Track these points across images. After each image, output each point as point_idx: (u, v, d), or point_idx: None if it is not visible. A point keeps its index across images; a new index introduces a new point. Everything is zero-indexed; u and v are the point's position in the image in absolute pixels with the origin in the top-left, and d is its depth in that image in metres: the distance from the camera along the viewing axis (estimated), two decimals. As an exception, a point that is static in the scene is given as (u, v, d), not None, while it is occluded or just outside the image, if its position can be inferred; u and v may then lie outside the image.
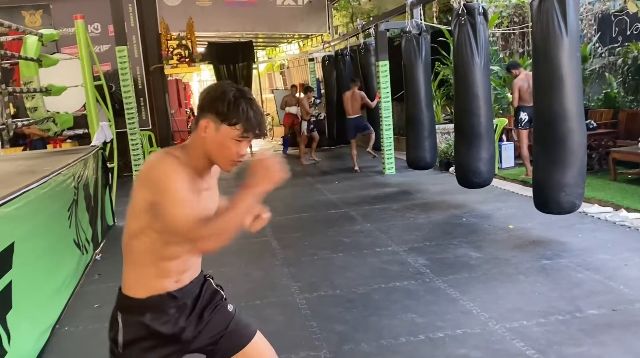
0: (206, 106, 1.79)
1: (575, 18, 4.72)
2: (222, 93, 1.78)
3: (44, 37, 7.07)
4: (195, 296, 1.99)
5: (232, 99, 1.76)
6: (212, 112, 1.77)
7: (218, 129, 1.77)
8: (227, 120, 1.76)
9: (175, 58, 12.37)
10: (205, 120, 1.78)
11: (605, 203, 6.22)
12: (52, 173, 4.46)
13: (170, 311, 1.90)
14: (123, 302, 1.91)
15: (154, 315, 1.87)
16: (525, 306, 3.80)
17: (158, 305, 1.88)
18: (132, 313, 1.88)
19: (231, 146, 1.79)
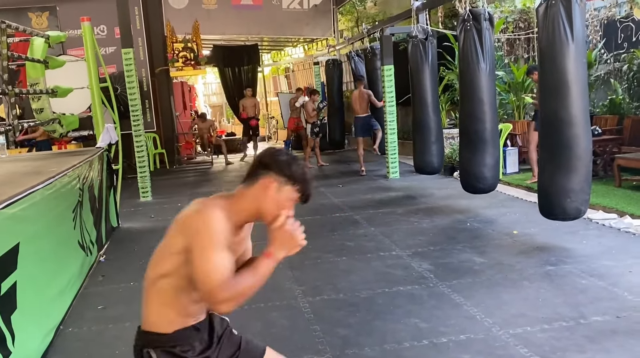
0: (275, 165, 1.86)
1: (582, 24, 4.71)
2: (292, 158, 1.89)
3: (50, 39, 7.10)
4: (209, 326, 2.04)
5: (300, 165, 1.89)
6: (281, 173, 1.85)
7: (280, 189, 1.85)
8: (294, 184, 1.86)
9: (180, 61, 12.44)
10: (269, 179, 1.85)
11: (610, 209, 6.21)
12: (58, 175, 4.48)
13: (195, 344, 1.94)
14: (152, 338, 1.92)
15: (182, 348, 1.91)
16: (529, 312, 3.79)
17: (184, 338, 1.92)
18: (163, 347, 1.91)
19: (286, 206, 1.87)
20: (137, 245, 6.28)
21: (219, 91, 23.09)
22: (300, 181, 1.87)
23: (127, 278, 5.08)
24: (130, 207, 8.31)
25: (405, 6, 9.10)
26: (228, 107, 17.61)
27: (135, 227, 7.18)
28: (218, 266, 1.72)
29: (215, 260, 1.73)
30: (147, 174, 9.00)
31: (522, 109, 10.27)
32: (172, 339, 1.90)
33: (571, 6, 4.59)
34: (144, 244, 6.33)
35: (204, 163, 13.96)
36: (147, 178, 8.99)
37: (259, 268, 1.81)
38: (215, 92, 25.28)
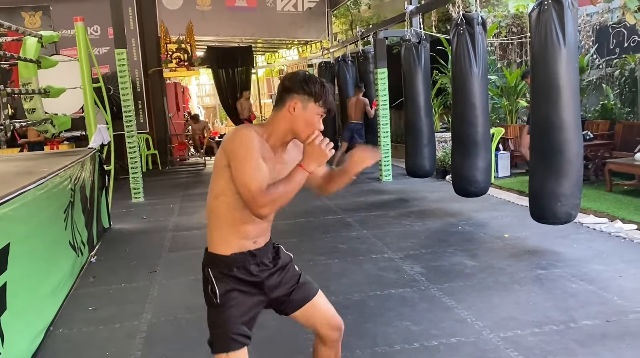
0: (296, 87, 2.10)
1: (574, 29, 4.74)
2: (310, 77, 2.12)
3: (43, 39, 7.07)
4: (273, 257, 2.31)
5: (319, 82, 2.11)
6: (302, 92, 2.09)
7: (306, 107, 2.10)
8: (316, 99, 2.10)
9: (174, 62, 12.42)
10: (293, 100, 2.10)
11: (601, 213, 6.25)
12: (49, 175, 4.46)
13: (251, 267, 2.21)
14: (210, 259, 2.22)
15: (239, 270, 2.19)
16: (520, 316, 3.80)
17: (241, 261, 2.18)
18: (220, 268, 2.19)
19: (315, 121, 2.12)
20: (129, 246, 6.26)
21: (212, 93, 23.06)
22: (320, 96, 2.10)
23: (118, 280, 5.06)
24: (122, 208, 8.28)
25: (399, 10, 9.13)
26: (221, 109, 17.58)
27: (127, 228, 7.16)
28: (254, 175, 1.99)
29: (250, 171, 2.00)
30: (140, 175, 8.98)
31: (515, 113, 10.33)
32: (229, 261, 2.18)
33: (563, 11, 4.62)
34: (136, 245, 6.32)
35: (197, 164, 13.94)
36: (139, 179, 8.97)
37: (293, 176, 2.06)
38: (209, 93, 25.25)
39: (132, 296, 4.63)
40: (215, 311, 2.21)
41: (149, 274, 5.17)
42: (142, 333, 3.85)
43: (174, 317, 4.15)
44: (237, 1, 13.41)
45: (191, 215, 7.71)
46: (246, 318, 2.21)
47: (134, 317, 4.14)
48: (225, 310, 2.18)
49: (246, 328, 2.20)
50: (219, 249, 2.19)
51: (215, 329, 2.22)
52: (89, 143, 7.25)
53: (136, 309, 4.30)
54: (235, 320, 2.18)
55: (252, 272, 2.21)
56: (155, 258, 5.67)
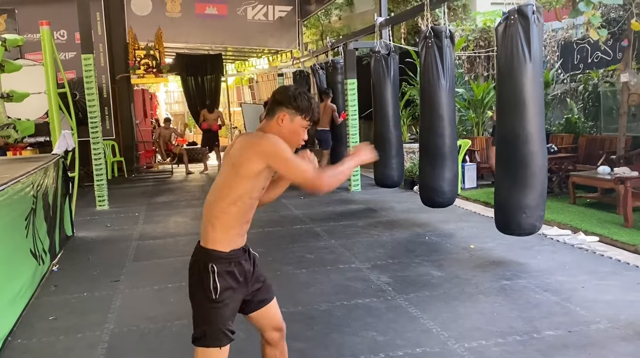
0: (285, 101, 2.34)
1: (539, 44, 4.83)
2: (299, 93, 2.36)
3: (7, 42, 6.94)
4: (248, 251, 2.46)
5: (306, 98, 2.36)
6: (290, 107, 2.34)
7: (293, 120, 2.35)
8: (302, 113, 2.35)
9: (142, 68, 12.29)
10: (282, 112, 2.34)
11: (565, 225, 6.35)
12: (10, 181, 4.35)
13: (243, 262, 2.38)
14: (213, 255, 2.32)
15: (236, 266, 2.35)
16: (484, 326, 3.83)
17: (237, 257, 2.35)
18: (222, 263, 2.31)
19: (300, 132, 2.38)
20: (92, 255, 6.14)
21: (181, 100, 22.87)
22: (306, 111, 2.35)
23: (81, 289, 4.96)
24: (86, 216, 8.13)
25: (369, 21, 9.19)
26: (190, 116, 17.45)
27: (90, 236, 7.02)
28: (305, 166, 2.27)
29: (300, 164, 2.27)
30: (104, 183, 8.84)
31: (482, 125, 10.48)
32: (228, 257, 2.33)
33: (529, 26, 4.71)
34: (99, 254, 6.20)
35: (164, 172, 13.78)
36: (104, 186, 8.82)
37: (345, 161, 2.40)
38: (177, 100, 25.04)
39: (95, 306, 4.54)
40: (210, 306, 2.31)
41: (112, 283, 5.07)
42: (104, 344, 3.77)
43: (136, 327, 4.07)
44: (207, 8, 13.36)
45: (156, 224, 7.61)
46: (234, 316, 2.38)
47: (96, 327, 4.06)
48: (221, 307, 2.31)
49: (232, 324, 2.36)
50: (220, 246, 2.32)
51: (207, 324, 2.33)
52: (53, 149, 7.11)
53: (98, 319, 4.21)
54: (228, 317, 2.34)
55: (245, 267, 2.38)
56: (118, 267, 5.57)
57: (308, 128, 2.41)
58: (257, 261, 2.50)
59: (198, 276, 2.33)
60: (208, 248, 2.33)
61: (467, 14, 13.20)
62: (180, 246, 6.29)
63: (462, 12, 13.24)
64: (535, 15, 4.73)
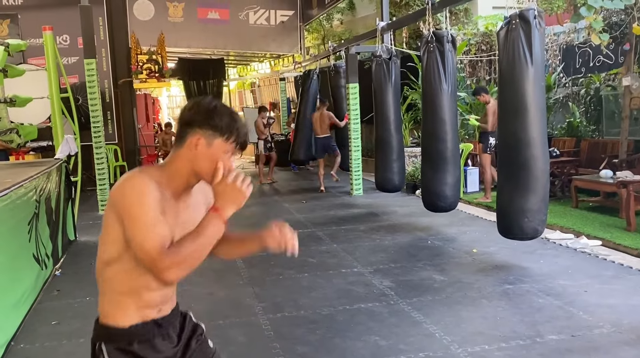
0: (198, 120, 1.71)
1: (541, 48, 4.84)
2: (214, 107, 1.72)
3: (10, 47, 6.96)
4: (179, 327, 1.91)
5: (226, 113, 1.73)
6: (205, 127, 1.70)
7: (211, 144, 1.70)
8: (222, 135, 1.70)
9: (144, 73, 12.29)
10: (196, 136, 1.70)
11: (567, 229, 6.35)
12: (14, 186, 4.36)
13: (156, 341, 1.79)
14: (104, 332, 1.77)
15: (141, 345, 1.75)
16: (487, 331, 3.83)
17: (144, 333, 1.76)
18: (117, 342, 1.75)
19: (224, 160, 1.72)
20: (94, 259, 6.11)
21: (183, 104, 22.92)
22: (228, 131, 1.71)
23: (83, 293, 4.96)
24: (88, 220, 8.14)
25: (371, 26, 9.22)
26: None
27: (93, 241, 7.02)
28: (151, 234, 1.60)
29: (147, 228, 1.60)
30: (107, 187, 8.83)
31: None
32: (127, 334, 1.74)
33: (531, 30, 4.72)
34: (102, 258, 6.20)
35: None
36: (107, 190, 8.82)
37: (205, 227, 1.67)
38: (180, 105, 25.08)
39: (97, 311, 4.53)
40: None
41: (115, 288, 5.07)
42: (107, 349, 3.77)
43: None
44: (209, 13, 13.39)
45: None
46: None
47: (99, 332, 4.05)
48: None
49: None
50: (114, 320, 1.75)
51: None
52: (56, 153, 7.12)
53: (101, 324, 4.21)
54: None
55: (157, 347, 1.79)
56: (121, 271, 5.57)
57: (235, 154, 1.76)
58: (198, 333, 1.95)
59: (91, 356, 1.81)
60: (101, 322, 1.79)
61: (468, 18, 13.23)
62: (183, 250, 6.29)
63: (464, 16, 13.27)
64: (536, 20, 4.74)
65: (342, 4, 14.58)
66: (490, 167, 8.28)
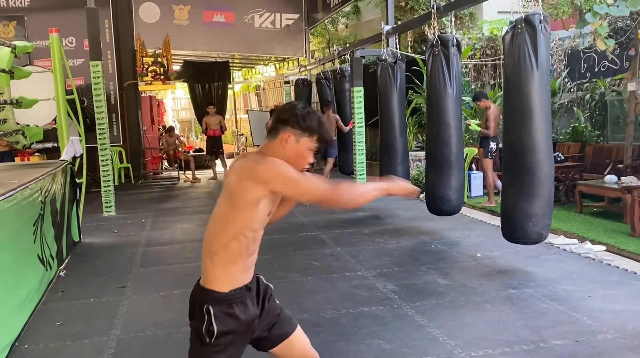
0: (292, 121, 2.10)
1: (546, 53, 4.84)
2: (307, 113, 2.12)
3: (17, 49, 6.98)
4: (257, 287, 2.23)
5: (316, 118, 2.13)
6: (297, 127, 2.09)
7: (299, 141, 2.10)
8: (310, 135, 2.11)
9: (150, 75, 12.34)
10: (287, 133, 2.10)
11: (571, 234, 6.34)
12: (19, 187, 4.38)
13: (248, 302, 2.14)
14: (211, 296, 2.09)
15: (240, 307, 2.11)
16: (491, 335, 3.82)
17: (240, 297, 2.11)
18: (222, 305, 2.08)
19: (307, 155, 2.14)
20: (99, 261, 6.17)
21: (188, 107, 22.98)
22: (314, 132, 2.11)
23: (87, 294, 4.98)
24: (93, 221, 8.16)
25: (376, 30, 9.23)
26: (197, 123, 17.53)
27: (97, 242, 7.05)
28: (316, 181, 2.07)
29: (310, 181, 2.07)
30: (112, 189, 8.87)
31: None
32: (229, 298, 2.09)
33: (536, 35, 4.72)
34: (106, 260, 6.22)
35: (170, 178, 13.82)
36: (111, 192, 8.86)
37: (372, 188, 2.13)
38: (185, 107, 25.17)
39: (101, 312, 4.55)
40: (202, 350, 2.11)
41: (118, 289, 5.09)
42: (111, 350, 3.78)
43: (143, 333, 4.08)
44: (214, 16, 13.43)
45: (163, 230, 7.63)
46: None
47: (103, 333, 4.07)
48: (215, 352, 2.09)
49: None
50: (219, 285, 2.09)
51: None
52: (61, 155, 7.15)
53: (105, 325, 4.22)
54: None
55: (249, 308, 2.14)
56: (125, 273, 5.59)
57: (315, 151, 2.15)
58: (269, 294, 2.29)
59: (195, 315, 2.13)
60: (207, 287, 2.11)
61: (473, 23, 13.23)
62: (187, 252, 6.30)
63: (469, 21, 13.27)
64: (542, 24, 4.74)
65: (347, 7, 14.58)
66: (492, 172, 8.29)
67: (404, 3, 13.76)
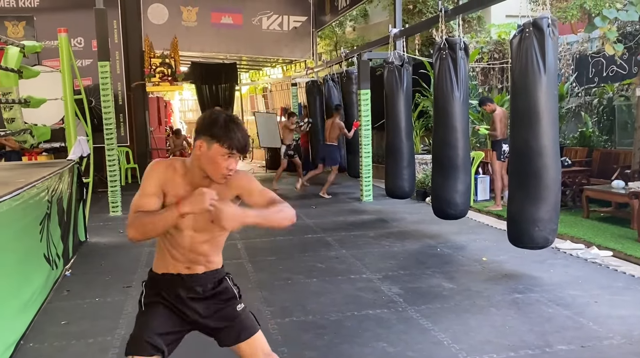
0: (201, 129, 2.18)
1: (554, 57, 4.82)
2: (215, 118, 2.17)
3: (26, 49, 7.01)
4: (211, 287, 2.41)
5: (222, 124, 2.14)
6: (206, 134, 2.15)
7: (209, 148, 2.15)
8: (218, 141, 2.13)
9: (157, 76, 12.36)
10: (199, 141, 2.17)
11: (578, 239, 6.31)
12: (26, 186, 4.40)
13: (179, 290, 2.35)
14: (148, 274, 2.44)
15: (167, 290, 2.36)
16: (496, 339, 3.81)
17: (170, 281, 2.35)
18: (152, 283, 2.40)
19: (220, 162, 2.16)
20: (104, 260, 6.18)
21: (195, 108, 23.02)
22: (221, 138, 2.13)
23: (92, 294, 4.99)
24: (99, 221, 8.18)
25: (384, 32, 9.22)
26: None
27: (103, 242, 7.07)
28: (136, 200, 2.20)
29: (140, 193, 2.22)
30: (118, 189, 8.89)
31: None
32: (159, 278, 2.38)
33: (544, 39, 4.70)
34: (111, 259, 6.24)
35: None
36: (118, 192, 8.88)
37: (162, 212, 2.17)
38: (192, 108, 25.21)
39: (106, 311, 4.56)
40: (138, 317, 2.38)
41: (124, 289, 5.10)
42: (115, 349, 3.79)
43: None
44: (222, 18, 13.46)
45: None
46: (162, 331, 2.31)
47: (108, 332, 4.07)
48: (144, 317, 2.35)
49: (161, 341, 2.28)
50: (155, 267, 2.40)
51: (132, 332, 2.34)
52: (68, 154, 7.17)
53: (110, 324, 4.23)
54: (151, 328, 2.30)
55: (180, 295, 2.35)
56: (131, 273, 5.60)
57: (232, 157, 2.16)
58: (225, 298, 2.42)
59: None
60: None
61: (481, 26, 13.21)
62: (192, 253, 6.31)
63: (477, 24, 13.25)
64: (550, 28, 4.72)
65: (354, 10, 14.59)
66: (502, 175, 8.26)
67: (412, 6, 13.75)
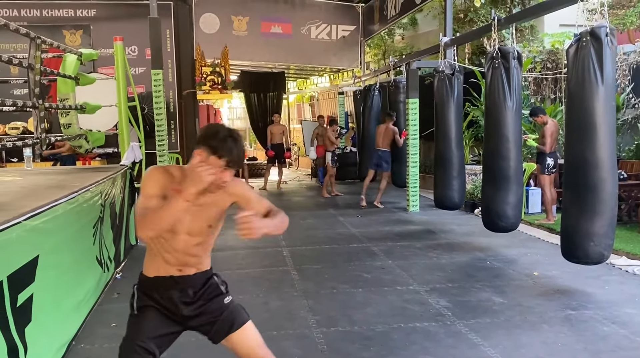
0: (202, 139, 2.33)
1: (612, 67, 4.67)
2: (216, 132, 2.33)
3: (83, 57, 7.23)
4: (199, 286, 2.54)
5: (222, 138, 2.29)
6: (205, 145, 2.29)
7: (207, 158, 2.29)
8: (214, 153, 2.28)
9: (208, 84, 12.55)
10: (199, 151, 2.31)
11: (634, 256, 6.09)
12: (81, 189, 4.51)
13: (171, 292, 2.48)
14: (139, 278, 2.56)
15: (159, 292, 2.48)
16: (548, 357, 3.69)
17: (162, 284, 2.48)
18: (144, 287, 2.52)
19: (216, 171, 2.29)
20: (154, 264, 6.27)
21: (243, 116, 23.27)
22: (217, 150, 2.27)
23: (142, 297, 5.06)
24: (149, 226, 8.32)
25: (433, 41, 9.15)
26: (251, 132, 17.74)
27: (152, 246, 7.18)
28: (138, 206, 2.36)
29: (142, 196, 2.36)
30: (168, 194, 9.01)
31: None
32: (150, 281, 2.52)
33: (602, 48, 4.57)
34: (161, 264, 6.32)
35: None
36: (168, 197, 9.00)
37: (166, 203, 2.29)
38: (240, 116, 25.48)
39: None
40: (130, 320, 2.51)
41: (172, 293, 5.16)
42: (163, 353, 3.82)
43: (195, 338, 4.11)
44: (272, 27, 13.59)
45: (221, 235, 7.69)
46: (155, 335, 2.44)
47: (156, 336, 4.12)
48: (137, 320, 2.47)
49: (153, 344, 2.40)
50: (146, 271, 2.52)
51: (125, 336, 2.46)
52: (121, 159, 7.33)
53: (158, 328, 4.28)
54: (143, 332, 2.42)
55: (172, 297, 2.48)
56: (179, 277, 5.66)
57: (227, 170, 2.32)
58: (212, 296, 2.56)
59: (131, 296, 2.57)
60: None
61: (534, 35, 12.97)
62: (239, 259, 6.34)
63: (530, 34, 13.01)
64: (608, 38, 4.59)
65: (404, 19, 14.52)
66: (551, 188, 8.06)
67: (463, 15, 13.61)
